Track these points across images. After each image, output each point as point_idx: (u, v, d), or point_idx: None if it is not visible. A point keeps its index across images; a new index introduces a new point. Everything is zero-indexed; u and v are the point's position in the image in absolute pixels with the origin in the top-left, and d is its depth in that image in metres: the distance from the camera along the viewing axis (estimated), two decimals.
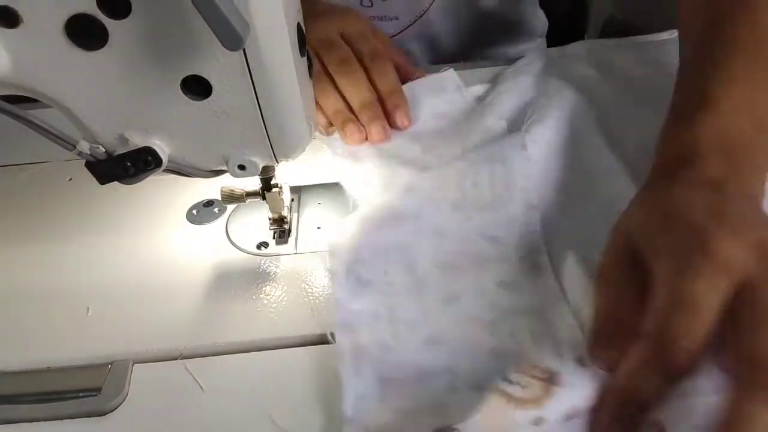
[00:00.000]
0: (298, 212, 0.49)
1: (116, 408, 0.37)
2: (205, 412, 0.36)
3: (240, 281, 0.44)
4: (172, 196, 0.50)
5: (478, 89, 0.58)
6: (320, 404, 0.36)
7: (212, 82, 0.33)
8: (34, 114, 0.32)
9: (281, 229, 0.47)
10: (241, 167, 0.38)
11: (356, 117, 0.52)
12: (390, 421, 0.34)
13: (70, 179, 0.53)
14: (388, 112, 0.53)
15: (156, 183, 0.43)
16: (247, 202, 0.45)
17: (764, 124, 0.37)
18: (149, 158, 0.35)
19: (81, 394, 0.37)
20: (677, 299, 0.29)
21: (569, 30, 0.92)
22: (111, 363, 0.39)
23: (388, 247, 0.42)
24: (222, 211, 0.49)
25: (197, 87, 0.33)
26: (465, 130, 0.52)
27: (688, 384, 0.29)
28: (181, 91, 0.33)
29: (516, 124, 0.51)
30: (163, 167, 0.36)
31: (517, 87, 0.55)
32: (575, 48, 0.62)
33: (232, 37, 0.28)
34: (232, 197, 0.44)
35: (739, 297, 0.29)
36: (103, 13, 0.30)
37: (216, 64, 0.32)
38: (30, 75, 0.32)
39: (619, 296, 0.33)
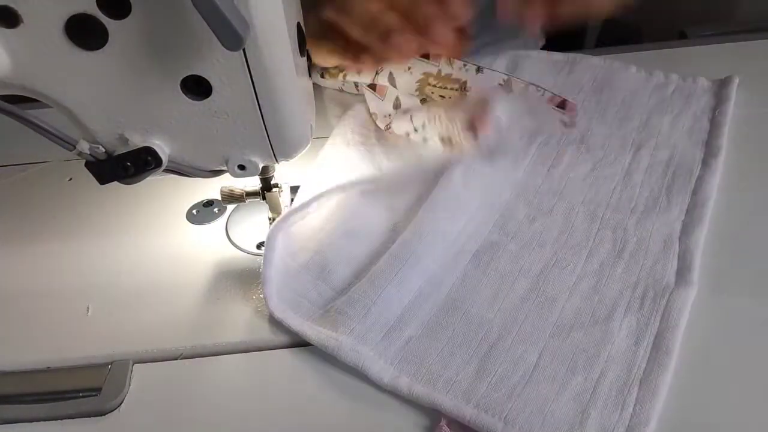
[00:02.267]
0: None
1: (116, 408, 0.37)
2: (205, 412, 0.36)
3: (240, 281, 0.44)
4: (172, 196, 0.50)
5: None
6: (320, 404, 0.36)
7: (212, 82, 0.33)
8: (34, 114, 0.32)
9: None
10: (241, 167, 0.38)
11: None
12: None
13: (70, 179, 0.53)
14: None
15: (156, 183, 0.43)
16: (247, 202, 0.45)
17: None
18: (149, 158, 0.35)
19: (81, 394, 0.37)
20: None
21: (569, 30, 0.92)
22: (111, 363, 0.39)
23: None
24: (222, 211, 0.49)
25: (197, 87, 0.33)
26: None
27: None
28: (181, 91, 0.33)
29: None
30: (163, 167, 0.36)
31: None
32: None
33: (232, 37, 0.28)
34: (232, 197, 0.44)
35: None
36: (103, 13, 0.30)
37: (216, 64, 0.32)
38: (30, 75, 0.32)
39: None
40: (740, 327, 0.38)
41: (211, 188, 0.49)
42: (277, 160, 0.38)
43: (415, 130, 0.49)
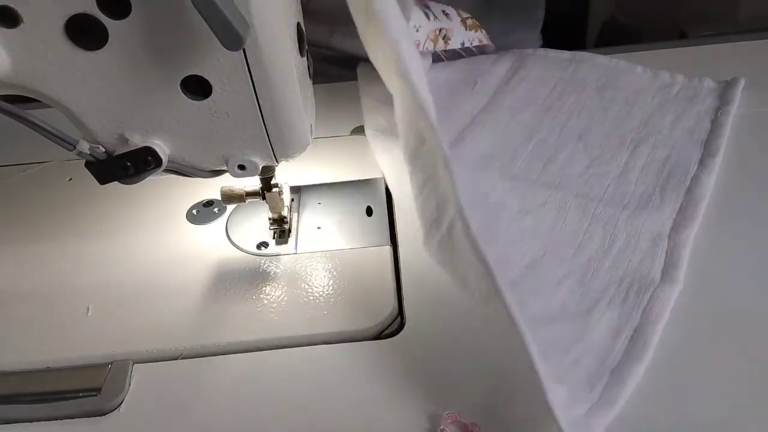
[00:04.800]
0: (298, 212, 0.49)
1: (116, 408, 0.37)
2: (205, 412, 0.36)
3: (240, 281, 0.44)
4: (172, 196, 0.50)
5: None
6: (320, 404, 0.36)
7: (212, 82, 0.33)
8: (34, 114, 0.32)
9: (281, 229, 0.47)
10: (241, 167, 0.38)
11: None
12: None
13: (70, 179, 0.53)
14: None
15: (156, 183, 0.43)
16: (247, 202, 0.44)
17: None
18: (149, 158, 0.35)
19: (81, 394, 0.37)
20: None
21: (569, 30, 0.92)
22: (111, 363, 0.39)
23: None
24: (222, 211, 0.49)
25: (197, 87, 0.33)
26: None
27: None
28: (181, 91, 0.33)
29: None
30: (163, 167, 0.36)
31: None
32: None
33: (232, 37, 0.28)
34: (232, 197, 0.44)
35: None
36: (103, 13, 0.30)
37: (216, 64, 0.32)
38: (30, 75, 0.32)
39: None
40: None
41: (211, 188, 0.49)
42: (277, 161, 0.38)
43: None
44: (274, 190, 0.44)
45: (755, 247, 0.43)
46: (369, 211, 0.49)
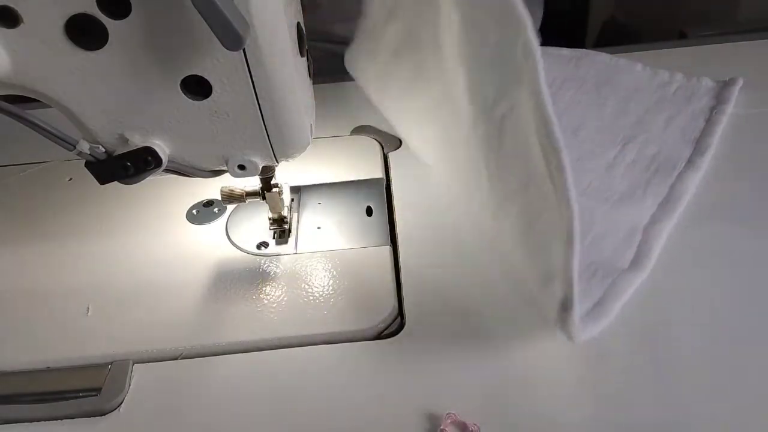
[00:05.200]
0: (298, 212, 0.49)
1: (116, 408, 0.37)
2: (205, 412, 0.36)
3: (240, 281, 0.44)
4: (172, 196, 0.50)
5: None
6: (320, 404, 0.36)
7: (212, 82, 0.33)
8: (34, 114, 0.32)
9: (281, 229, 0.47)
10: (241, 167, 0.38)
11: None
12: None
13: (70, 179, 0.53)
14: None
15: (156, 183, 0.43)
16: (247, 202, 0.45)
17: None
18: (149, 158, 0.35)
19: (81, 394, 0.37)
20: None
21: (569, 30, 0.92)
22: (111, 363, 0.39)
23: None
24: (222, 211, 0.49)
25: (197, 87, 0.33)
26: None
27: None
28: (181, 91, 0.33)
29: None
30: (163, 167, 0.36)
31: None
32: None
33: (232, 37, 0.28)
34: (232, 197, 0.44)
35: None
36: (103, 13, 0.30)
37: (216, 64, 0.32)
38: (30, 75, 0.32)
39: None
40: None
41: (211, 188, 0.49)
42: (277, 161, 0.38)
43: None
44: (274, 190, 0.44)
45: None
46: (369, 211, 0.49)
